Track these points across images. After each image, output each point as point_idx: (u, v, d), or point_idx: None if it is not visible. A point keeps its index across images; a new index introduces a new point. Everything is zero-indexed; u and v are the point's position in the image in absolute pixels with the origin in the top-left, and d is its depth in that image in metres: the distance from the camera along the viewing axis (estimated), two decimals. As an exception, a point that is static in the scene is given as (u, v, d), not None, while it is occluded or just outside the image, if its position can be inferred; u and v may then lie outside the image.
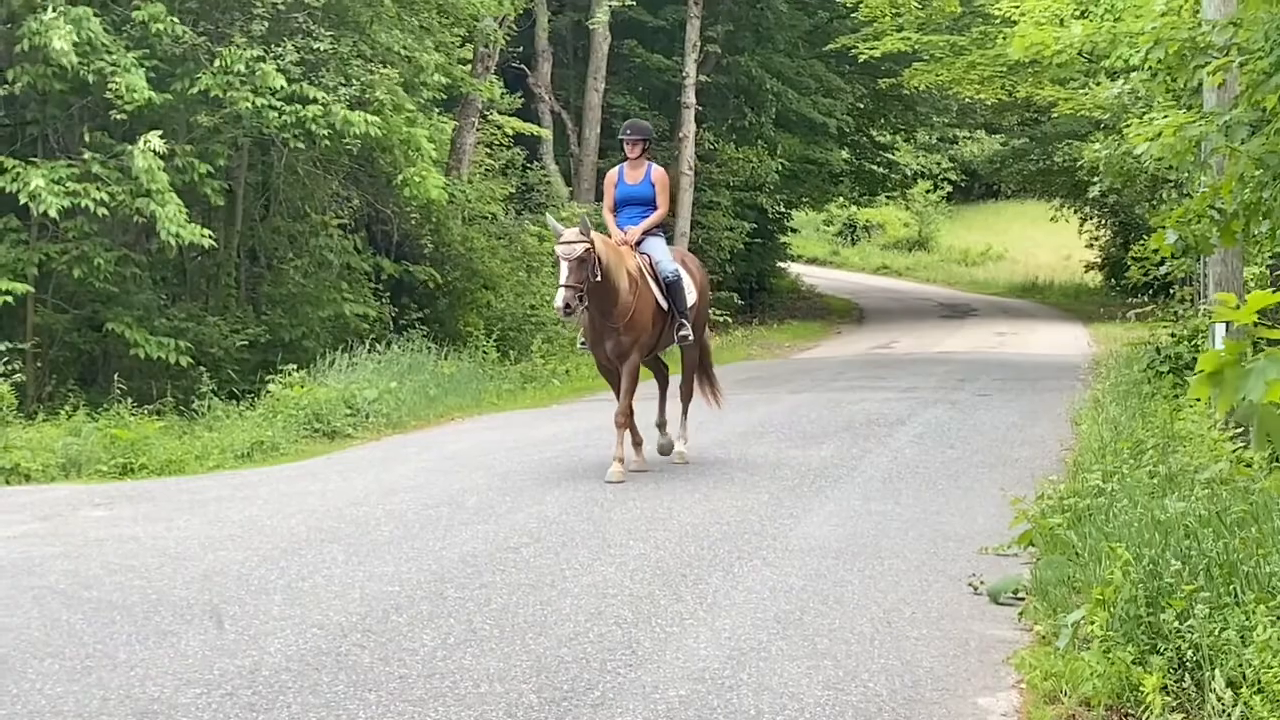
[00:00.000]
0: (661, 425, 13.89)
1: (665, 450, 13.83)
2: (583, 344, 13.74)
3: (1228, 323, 11.42)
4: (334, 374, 19.02)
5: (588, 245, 12.14)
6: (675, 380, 14.39)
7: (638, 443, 13.47)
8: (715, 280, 34.40)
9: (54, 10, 16.89)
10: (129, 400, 16.64)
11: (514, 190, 28.19)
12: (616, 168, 14.06)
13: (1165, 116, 12.94)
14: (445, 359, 21.77)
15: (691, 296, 13.66)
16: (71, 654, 7.44)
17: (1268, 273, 14.72)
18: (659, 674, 7.28)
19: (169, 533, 10.78)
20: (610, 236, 13.46)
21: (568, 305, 12.07)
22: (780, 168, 37.49)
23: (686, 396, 14.25)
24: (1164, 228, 11.69)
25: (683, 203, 32.65)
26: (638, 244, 13.44)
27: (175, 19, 18.51)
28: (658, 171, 13.82)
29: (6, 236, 17.86)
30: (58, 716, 6.47)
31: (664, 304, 13.31)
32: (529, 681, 7.13)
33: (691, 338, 13.54)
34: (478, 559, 9.75)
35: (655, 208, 13.66)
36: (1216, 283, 14.47)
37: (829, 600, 8.76)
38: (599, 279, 12.26)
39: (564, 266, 12.18)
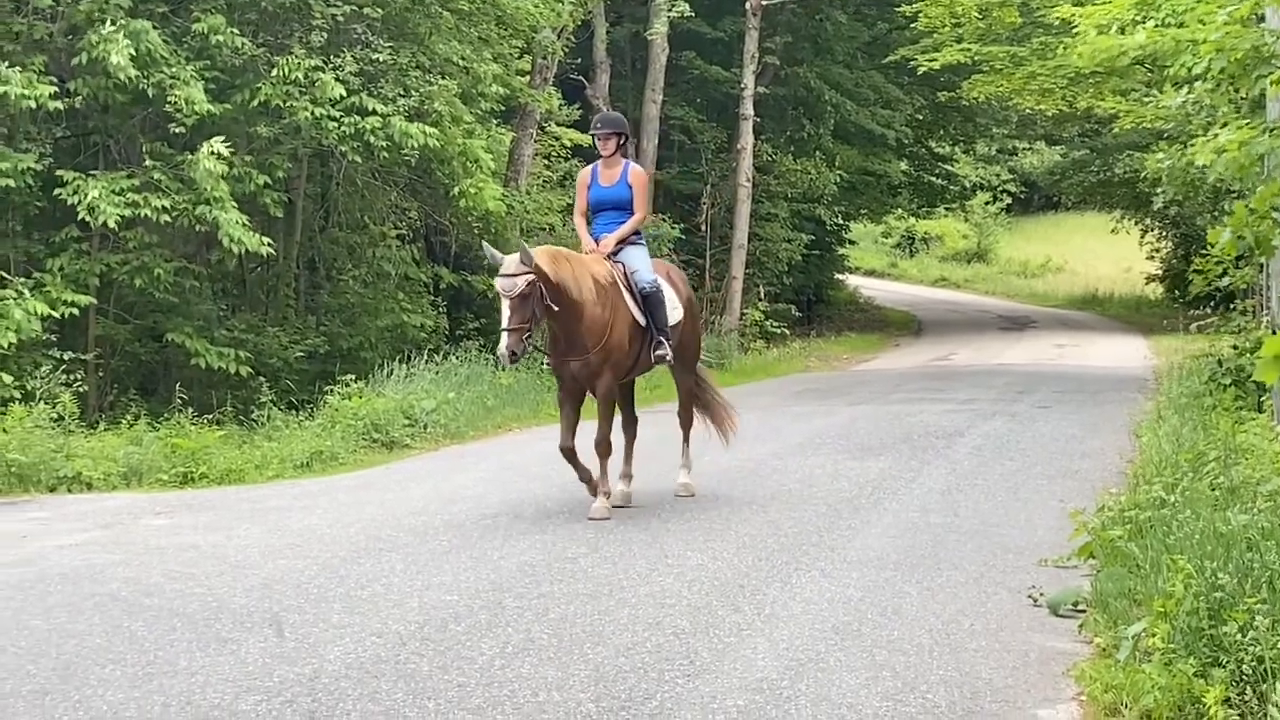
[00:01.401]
0: (627, 476, 12.30)
1: (623, 501, 12.08)
2: (548, 361, 12.14)
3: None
4: (392, 384, 19.06)
5: (531, 278, 10.69)
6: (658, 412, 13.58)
7: (585, 479, 11.85)
8: (772, 292, 34.43)
9: (113, 24, 17.05)
10: (189, 410, 16.72)
11: (572, 202, 28.14)
12: (589, 167, 12.56)
13: (1227, 129, 12.85)
14: (503, 370, 21.69)
15: (675, 314, 12.18)
16: (133, 660, 7.50)
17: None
18: (717, 684, 7.26)
19: (229, 541, 10.87)
20: (581, 247, 12.36)
21: (512, 353, 10.74)
22: (838, 179, 37.42)
23: (686, 424, 12.99)
24: (1223, 226, 11.61)
25: (740, 214, 32.70)
26: (615, 253, 12.00)
27: (235, 30, 18.67)
28: (635, 171, 12.34)
29: (69, 248, 18.02)
30: None
31: (641, 320, 11.81)
32: (587, 691, 7.12)
33: (670, 358, 12.08)
34: (536, 568, 9.77)
35: (634, 212, 12.21)
36: (1280, 293, 14.32)
37: (887, 612, 8.73)
38: (555, 306, 10.92)
39: (505, 306, 10.75)
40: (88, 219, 17.32)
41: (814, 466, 14.54)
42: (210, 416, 17.22)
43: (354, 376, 18.85)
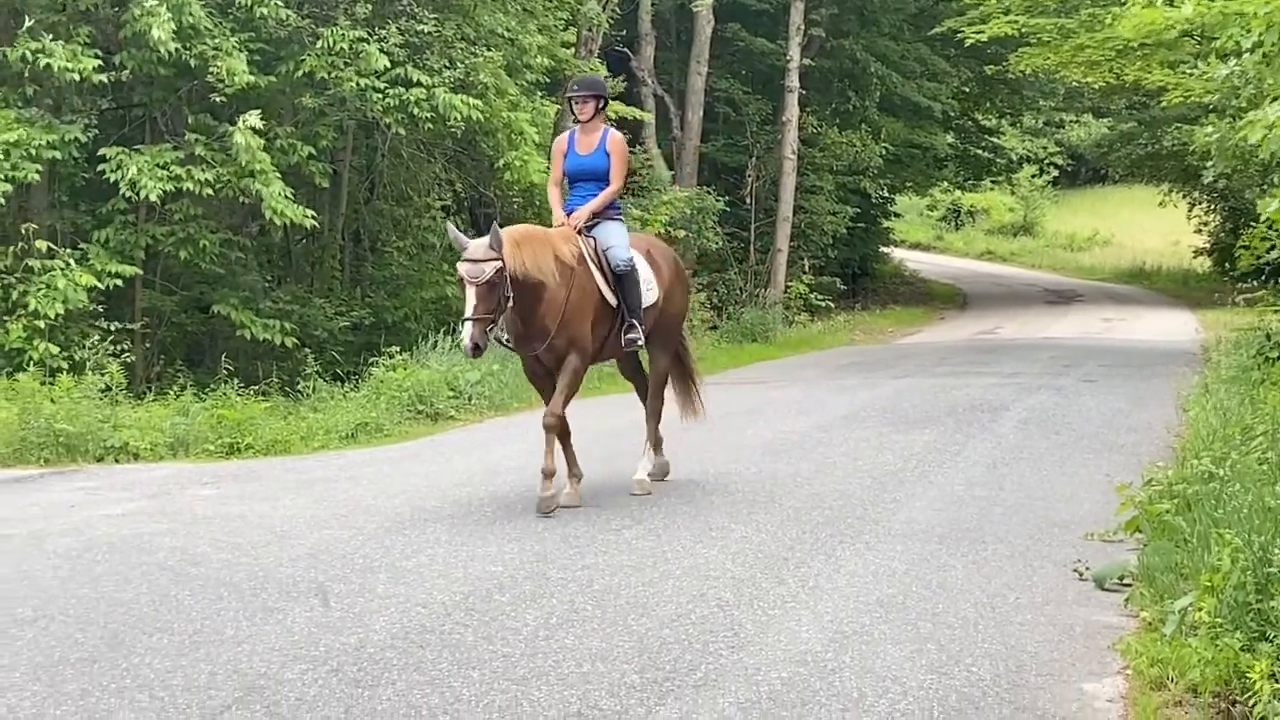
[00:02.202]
0: (657, 444, 11.92)
1: (660, 473, 11.85)
2: (507, 340, 10.89)
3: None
4: (436, 356, 19.10)
5: (499, 265, 9.83)
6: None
7: (577, 476, 11.10)
8: (817, 265, 34.41)
9: (157, -2, 17.19)
10: (235, 381, 16.80)
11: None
12: (566, 134, 11.60)
13: (1277, 104, 12.81)
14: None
15: (651, 295, 11.21)
16: (180, 629, 7.59)
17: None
18: (761, 656, 7.31)
19: (275, 511, 10.97)
20: (553, 220, 11.45)
21: (476, 346, 9.85)
22: (884, 152, 37.35)
23: (654, 411, 11.95)
24: (1273, 197, 11.60)
25: (785, 187, 32.71)
26: (590, 227, 11.07)
27: (280, 2, 18.73)
28: (614, 138, 11.25)
29: (114, 219, 18.18)
30: (166, 690, 6.59)
31: (613, 300, 10.93)
32: (631, 662, 7.19)
33: (641, 342, 11.19)
34: (580, 540, 9.84)
35: (610, 183, 11.22)
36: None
37: (932, 585, 8.79)
38: (510, 296, 10.02)
39: (470, 293, 9.86)
40: (129, 195, 17.54)
41: (858, 439, 14.62)
42: (256, 388, 17.33)
43: (399, 348, 18.95)
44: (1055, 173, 66.50)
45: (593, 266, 10.77)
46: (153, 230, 18.35)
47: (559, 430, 10.74)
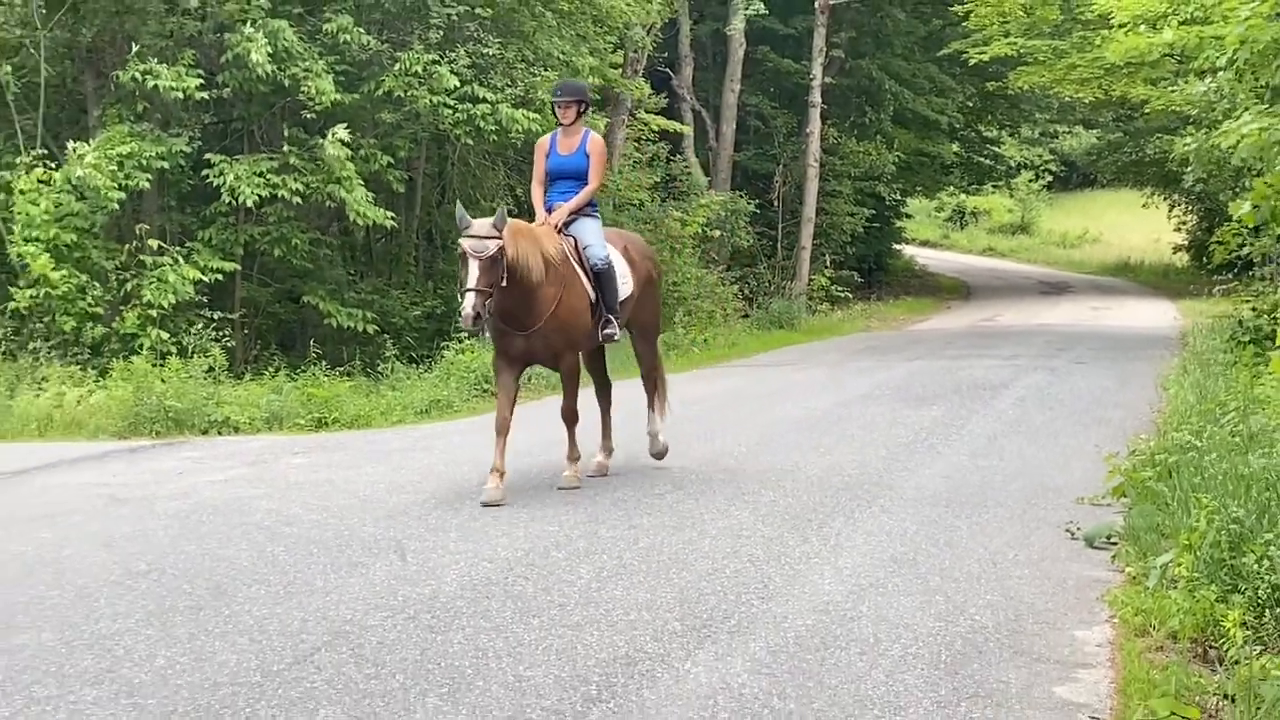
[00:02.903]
0: (606, 450, 11.10)
1: (597, 472, 10.92)
2: (491, 320, 9.65)
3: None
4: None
5: (501, 243, 9.17)
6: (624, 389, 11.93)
7: (498, 468, 9.90)
8: (837, 260, 34.31)
9: (253, 25, 17.34)
10: (323, 363, 16.95)
11: (658, 180, 28.19)
12: (548, 135, 10.75)
13: (1249, 115, 12.74)
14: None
15: (625, 288, 10.47)
16: (275, 581, 7.65)
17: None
18: (788, 606, 7.34)
19: (358, 478, 11.03)
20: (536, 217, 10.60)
21: (476, 315, 9.08)
22: (896, 160, 37.20)
23: (650, 390, 11.34)
24: (1243, 199, 11.53)
25: (808, 191, 32.61)
26: (568, 225, 10.30)
27: (361, 29, 18.86)
28: (594, 140, 10.48)
29: (217, 220, 18.32)
30: (264, 634, 6.64)
31: (593, 295, 10.18)
32: (673, 610, 7.21)
33: (618, 337, 10.51)
34: (627, 503, 9.86)
35: (590, 181, 10.46)
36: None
37: (939, 543, 8.82)
38: (504, 280, 9.32)
39: (472, 266, 9.11)
40: (230, 199, 17.67)
41: (874, 415, 14.64)
42: (341, 369, 17.46)
43: (467, 334, 18.75)
44: (1049, 178, 66.01)
45: (575, 264, 10.03)
46: (250, 230, 18.50)
47: (574, 421, 10.50)
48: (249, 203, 17.51)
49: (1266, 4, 11.87)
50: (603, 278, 10.17)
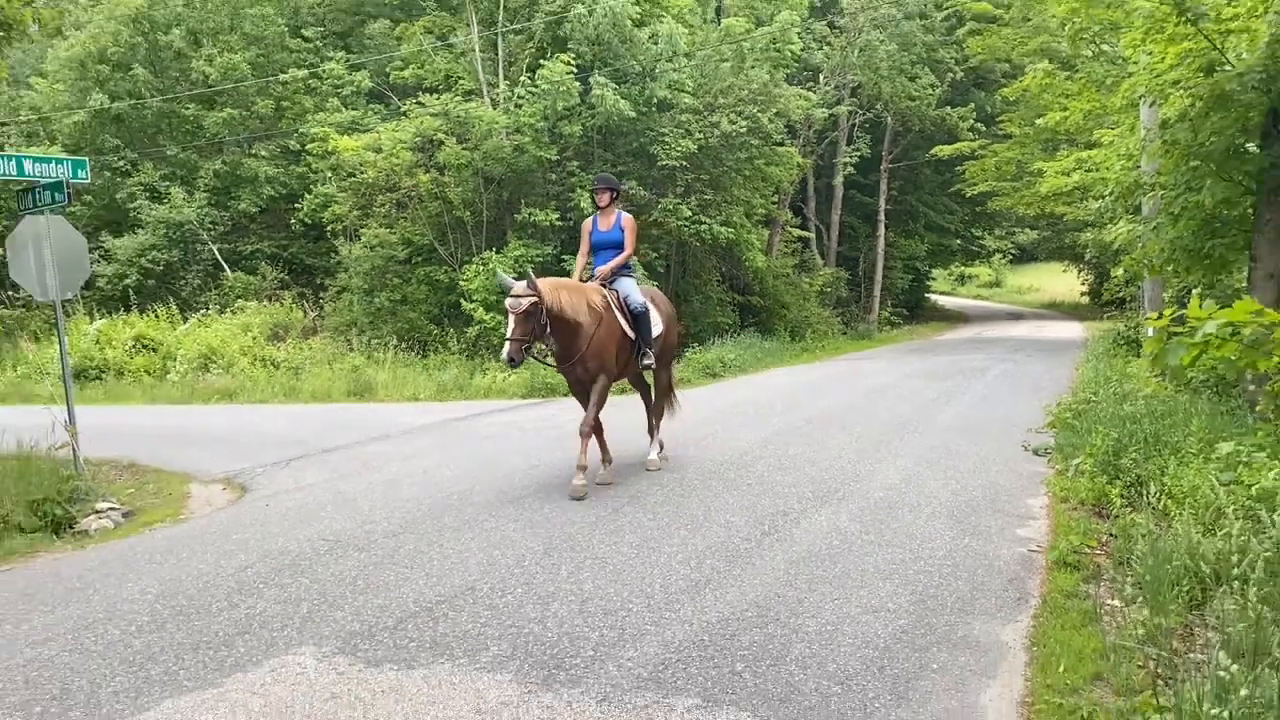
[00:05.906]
0: (659, 444, 8.65)
1: (656, 467, 8.42)
2: (550, 361, 7.96)
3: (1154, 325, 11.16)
4: (716, 348, 18.72)
5: (534, 299, 7.01)
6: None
7: (608, 460, 8.03)
8: (893, 303, 33.14)
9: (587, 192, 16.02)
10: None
11: (797, 262, 27.72)
12: (590, 217, 8.26)
13: (1121, 222, 13.13)
14: (765, 340, 21.11)
15: (657, 328, 8.27)
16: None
17: (1174, 296, 14.49)
18: (869, 485, 7.32)
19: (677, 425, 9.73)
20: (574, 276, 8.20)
21: (512, 359, 6.89)
22: (926, 249, 36.47)
23: (658, 414, 8.62)
24: (1120, 267, 11.72)
25: (877, 267, 31.62)
26: (611, 282, 8.07)
27: (642, 187, 18.34)
28: (627, 218, 8.16)
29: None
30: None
31: (631, 333, 8.01)
32: (807, 488, 7.22)
33: (654, 365, 8.18)
34: (751, 450, 8.86)
35: (625, 249, 8.13)
36: (1149, 300, 13.92)
37: (953, 454, 8.54)
38: (547, 322, 7.17)
39: (511, 320, 6.97)
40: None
41: (914, 386, 13.97)
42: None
43: (699, 345, 18.77)
44: (1011, 256, 63.41)
45: (616, 312, 7.89)
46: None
47: (591, 433, 7.66)
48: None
49: (1131, 161, 12.43)
50: (640, 320, 8.05)
